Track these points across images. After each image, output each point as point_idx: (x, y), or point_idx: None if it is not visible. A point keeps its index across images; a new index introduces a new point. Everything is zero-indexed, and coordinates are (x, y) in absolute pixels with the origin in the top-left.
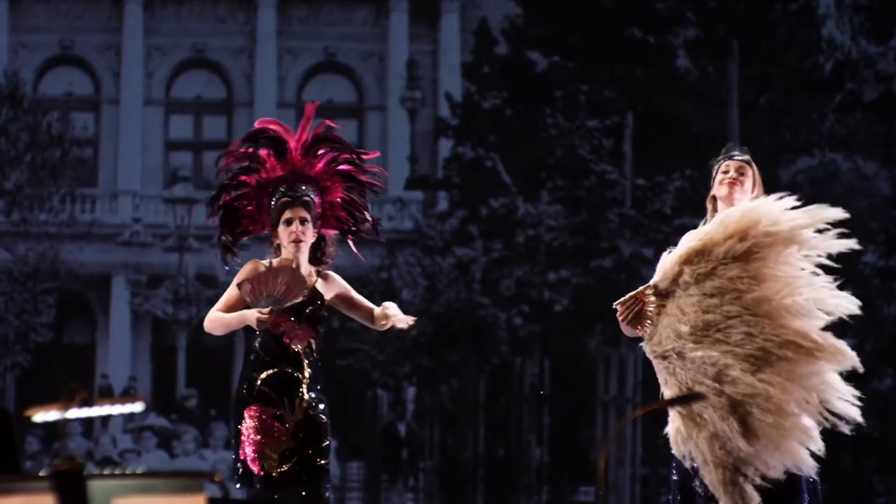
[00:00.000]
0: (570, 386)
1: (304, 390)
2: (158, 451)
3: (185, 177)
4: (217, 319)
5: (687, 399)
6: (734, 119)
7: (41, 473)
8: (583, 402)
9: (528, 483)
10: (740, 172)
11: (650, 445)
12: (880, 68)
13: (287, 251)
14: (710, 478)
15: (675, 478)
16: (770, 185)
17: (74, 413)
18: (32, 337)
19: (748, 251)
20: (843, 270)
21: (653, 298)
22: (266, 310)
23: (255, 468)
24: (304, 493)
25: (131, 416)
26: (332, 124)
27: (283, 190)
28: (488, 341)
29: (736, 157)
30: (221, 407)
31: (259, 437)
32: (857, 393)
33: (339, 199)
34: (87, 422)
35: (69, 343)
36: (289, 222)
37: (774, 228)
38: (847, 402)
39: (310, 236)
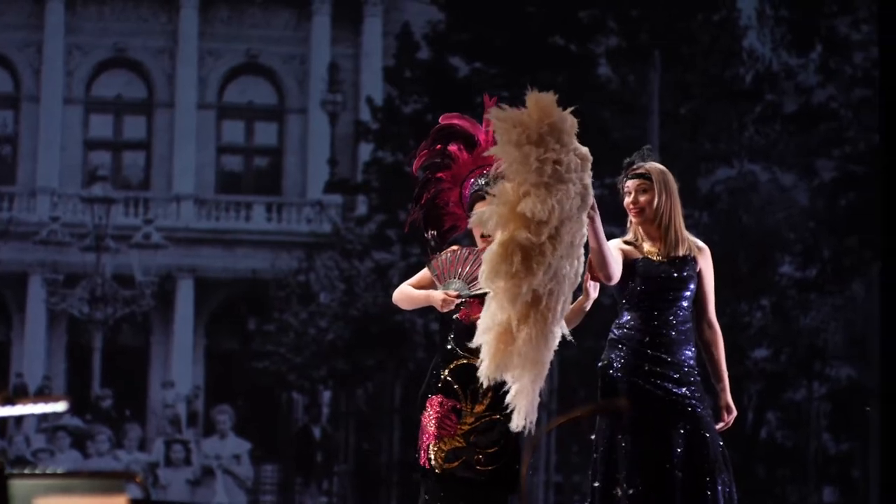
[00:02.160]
0: None
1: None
2: (72, 451)
3: (104, 176)
4: (405, 293)
5: (604, 407)
6: (654, 127)
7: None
8: None
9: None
10: (641, 190)
11: (565, 452)
12: (800, 80)
13: (479, 245)
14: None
15: (595, 485)
16: (689, 195)
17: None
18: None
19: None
20: (759, 281)
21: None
22: (453, 293)
23: (422, 460)
24: (465, 498)
25: (46, 415)
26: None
27: (479, 183)
28: (405, 346)
29: (634, 174)
30: (136, 407)
31: (434, 429)
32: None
33: None
34: (0, 421)
35: None
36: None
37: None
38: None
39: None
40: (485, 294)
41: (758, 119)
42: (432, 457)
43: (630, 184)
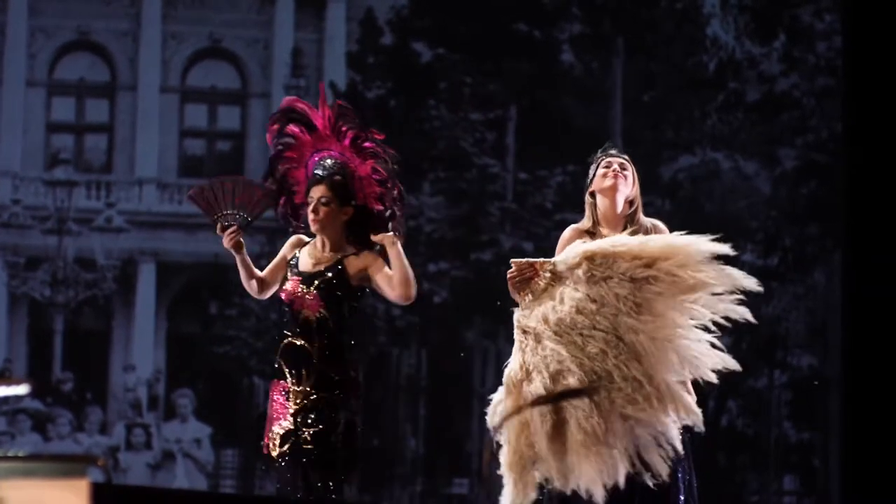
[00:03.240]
0: (446, 378)
1: (315, 363)
2: (32, 434)
3: (67, 159)
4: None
5: (574, 393)
6: (617, 115)
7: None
8: (459, 394)
9: (403, 474)
10: (622, 167)
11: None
12: (763, 69)
13: (312, 228)
14: (506, 457)
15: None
16: (651, 183)
17: None
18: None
19: (646, 280)
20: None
21: (548, 275)
22: (233, 228)
23: (265, 447)
24: (295, 481)
25: (5, 398)
26: (341, 104)
27: (314, 169)
28: (366, 331)
29: (616, 155)
30: (97, 391)
31: (271, 413)
32: (678, 452)
33: (372, 175)
34: None
35: None
36: (311, 202)
37: (681, 272)
38: (662, 460)
39: (330, 216)
40: (308, 272)
41: (721, 107)
42: (270, 443)
43: (612, 159)
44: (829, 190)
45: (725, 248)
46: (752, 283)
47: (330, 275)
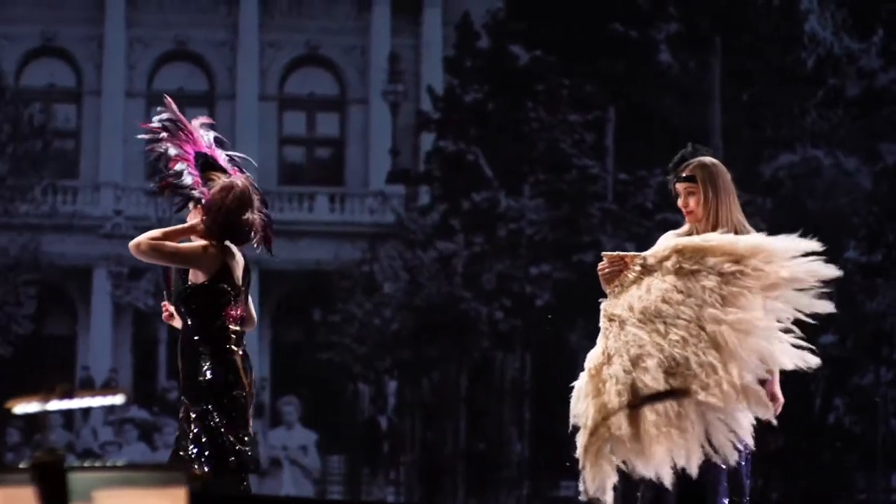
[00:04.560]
0: (551, 380)
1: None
2: (139, 443)
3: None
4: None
5: (668, 395)
6: (716, 114)
7: (21, 466)
8: (564, 396)
9: (510, 477)
10: (689, 193)
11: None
12: (862, 64)
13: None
14: (582, 439)
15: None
16: (751, 181)
17: (55, 405)
18: (13, 328)
19: (733, 274)
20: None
21: (637, 269)
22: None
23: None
24: None
25: (112, 408)
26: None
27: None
28: (469, 335)
29: (680, 177)
30: None
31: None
32: (749, 446)
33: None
34: (68, 414)
35: (50, 335)
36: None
37: (767, 268)
38: (729, 445)
39: (192, 215)
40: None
41: (820, 104)
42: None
43: (678, 187)
44: None
45: (813, 245)
46: (832, 271)
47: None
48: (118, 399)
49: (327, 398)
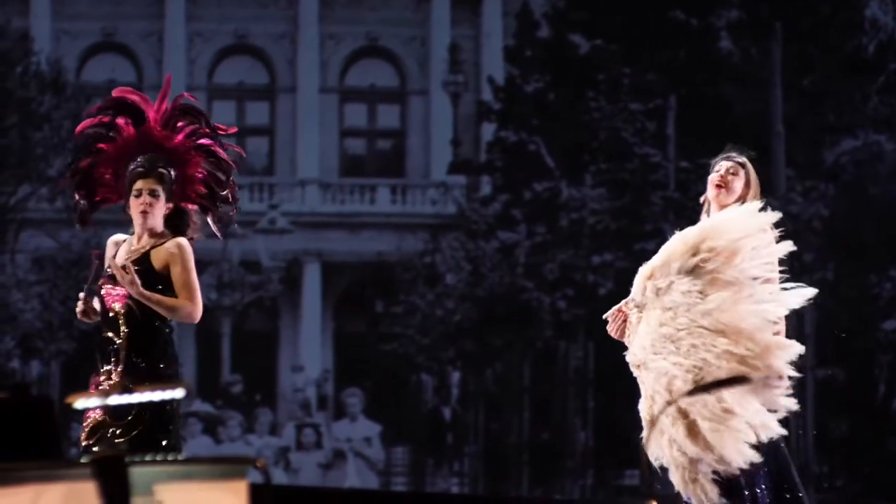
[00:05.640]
0: (614, 370)
1: (123, 356)
2: (204, 437)
3: None
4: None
5: (730, 382)
6: (777, 100)
7: (83, 461)
8: (627, 385)
9: (573, 467)
10: (731, 173)
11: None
12: None
13: (136, 222)
14: (674, 478)
15: None
16: (814, 167)
17: (115, 400)
18: (76, 324)
19: (697, 266)
20: (888, 252)
21: (635, 310)
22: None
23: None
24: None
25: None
26: (189, 96)
27: (138, 161)
28: (532, 325)
29: (731, 159)
30: (266, 392)
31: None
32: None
33: (199, 174)
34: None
35: None
36: (138, 194)
37: (715, 242)
38: (784, 398)
39: (159, 209)
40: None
41: (882, 89)
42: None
43: (723, 164)
44: None
45: (752, 205)
46: (774, 216)
47: (137, 267)
48: (179, 393)
49: (391, 390)
